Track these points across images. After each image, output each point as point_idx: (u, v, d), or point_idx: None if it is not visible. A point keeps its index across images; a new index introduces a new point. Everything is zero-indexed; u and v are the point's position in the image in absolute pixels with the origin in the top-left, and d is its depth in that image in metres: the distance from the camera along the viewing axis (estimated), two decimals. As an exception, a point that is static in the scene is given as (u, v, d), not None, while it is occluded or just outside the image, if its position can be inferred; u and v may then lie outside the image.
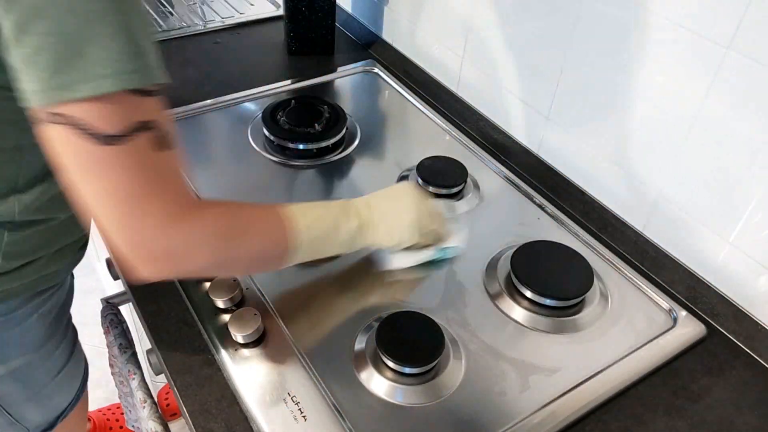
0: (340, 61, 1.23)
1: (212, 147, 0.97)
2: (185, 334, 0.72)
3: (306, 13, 1.19)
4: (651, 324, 0.76)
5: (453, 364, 0.69)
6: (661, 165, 0.79)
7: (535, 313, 0.75)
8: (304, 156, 0.97)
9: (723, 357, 0.74)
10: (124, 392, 0.93)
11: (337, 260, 0.80)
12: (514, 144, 1.00)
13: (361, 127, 1.05)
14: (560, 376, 0.69)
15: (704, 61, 0.69)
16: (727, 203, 0.72)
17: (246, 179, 0.94)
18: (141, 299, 0.75)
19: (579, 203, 0.91)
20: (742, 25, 0.64)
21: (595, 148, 0.87)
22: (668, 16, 0.71)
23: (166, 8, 1.39)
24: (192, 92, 1.11)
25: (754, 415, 0.68)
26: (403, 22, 1.18)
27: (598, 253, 0.84)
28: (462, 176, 0.92)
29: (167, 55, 1.21)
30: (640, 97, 0.78)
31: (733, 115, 0.68)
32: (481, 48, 1.01)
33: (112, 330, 0.87)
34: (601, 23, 0.79)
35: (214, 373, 0.68)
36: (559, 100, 0.90)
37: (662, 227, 0.82)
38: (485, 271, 0.80)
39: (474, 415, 0.65)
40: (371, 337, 0.70)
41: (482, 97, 1.05)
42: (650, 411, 0.68)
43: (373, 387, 0.66)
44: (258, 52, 1.25)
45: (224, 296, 0.71)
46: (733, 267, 0.74)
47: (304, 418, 0.63)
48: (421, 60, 1.17)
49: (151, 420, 0.75)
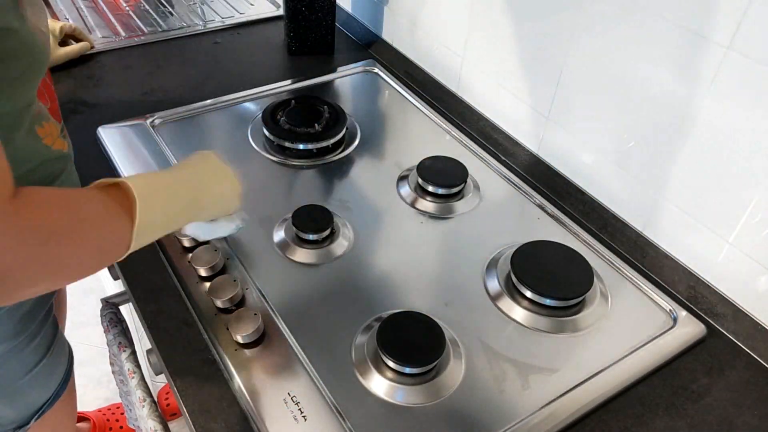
0: (340, 61, 1.23)
1: (212, 147, 0.97)
2: (185, 334, 0.72)
3: (306, 13, 1.19)
4: (651, 324, 0.76)
5: (453, 364, 0.69)
6: (661, 165, 0.79)
7: (535, 313, 0.75)
8: (304, 156, 0.97)
9: (723, 357, 0.74)
10: (125, 391, 0.94)
11: (336, 260, 0.80)
12: (514, 144, 1.00)
13: (361, 127, 1.05)
14: (560, 376, 0.69)
15: (704, 61, 0.69)
16: (727, 203, 0.72)
17: (246, 179, 0.93)
18: (141, 299, 0.75)
19: (579, 203, 0.91)
20: (742, 25, 0.64)
21: (595, 148, 0.87)
22: (668, 16, 0.71)
23: (166, 8, 1.39)
24: (192, 92, 1.11)
25: (754, 415, 0.68)
26: (403, 22, 1.18)
27: (598, 253, 0.84)
28: (462, 176, 0.92)
29: (167, 55, 1.22)
30: (640, 98, 0.78)
31: (733, 115, 0.68)
32: (481, 48, 1.01)
33: (111, 329, 0.87)
34: (601, 23, 0.79)
35: (214, 373, 0.68)
36: (559, 100, 0.90)
37: (662, 227, 0.82)
38: (485, 271, 0.80)
39: (474, 415, 0.65)
40: (371, 337, 0.70)
41: (482, 97, 1.05)
42: (650, 411, 0.68)
43: (373, 387, 0.66)
44: (258, 52, 1.25)
45: (224, 296, 0.71)
46: (733, 267, 0.74)
47: (304, 418, 0.63)
48: (421, 60, 1.17)
49: (151, 419, 0.76)
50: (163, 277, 0.78)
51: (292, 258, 0.80)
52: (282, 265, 0.79)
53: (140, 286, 0.76)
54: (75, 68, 1.15)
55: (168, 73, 1.16)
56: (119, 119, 1.01)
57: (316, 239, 0.81)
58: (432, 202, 0.90)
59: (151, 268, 0.79)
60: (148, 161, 0.93)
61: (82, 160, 0.94)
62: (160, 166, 0.92)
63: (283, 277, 0.77)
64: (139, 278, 0.77)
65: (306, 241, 0.81)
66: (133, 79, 1.13)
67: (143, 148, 0.95)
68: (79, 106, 1.05)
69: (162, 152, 0.94)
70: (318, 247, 0.81)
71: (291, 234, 0.82)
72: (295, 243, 0.81)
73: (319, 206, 0.83)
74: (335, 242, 0.82)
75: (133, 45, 1.24)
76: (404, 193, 0.92)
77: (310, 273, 0.78)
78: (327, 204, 0.87)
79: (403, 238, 0.84)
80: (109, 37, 1.26)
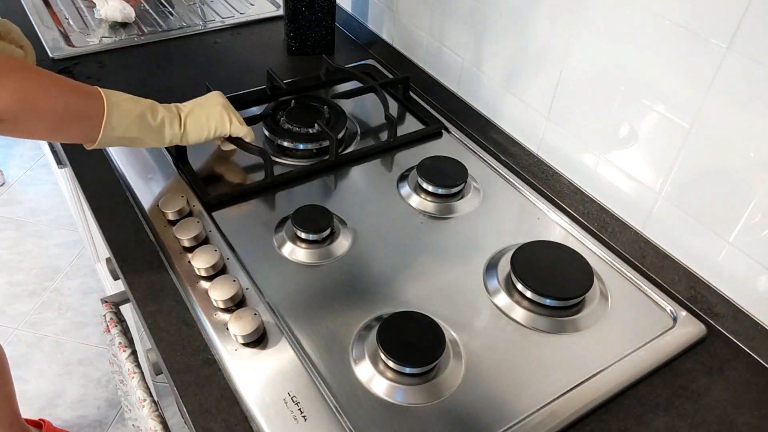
0: (340, 60, 1.23)
1: (212, 147, 0.97)
2: (185, 334, 0.72)
3: (306, 13, 1.19)
4: (651, 324, 0.76)
5: (453, 364, 0.69)
6: (661, 165, 0.79)
7: (535, 312, 0.75)
8: (304, 156, 0.97)
9: (723, 357, 0.74)
10: (124, 391, 0.94)
11: (336, 260, 0.80)
12: (513, 144, 1.00)
13: (361, 127, 1.05)
14: (560, 376, 0.69)
15: (704, 61, 0.69)
16: (727, 203, 0.72)
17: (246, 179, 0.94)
18: (141, 299, 0.75)
19: (579, 203, 0.91)
20: (742, 25, 0.64)
21: (595, 147, 0.87)
22: (668, 16, 0.71)
23: (166, 8, 1.39)
24: (192, 92, 1.11)
25: (754, 415, 0.68)
26: (403, 22, 1.18)
27: (598, 253, 0.84)
28: (462, 176, 0.92)
29: (167, 55, 1.22)
30: (640, 98, 0.78)
31: (733, 115, 0.69)
32: (482, 48, 1.01)
33: (111, 329, 0.87)
34: (601, 23, 0.79)
35: (214, 373, 0.68)
36: (559, 100, 0.90)
37: (662, 227, 0.82)
38: (485, 271, 0.80)
39: (474, 415, 0.65)
40: (371, 337, 0.70)
41: (482, 96, 1.05)
42: (650, 411, 0.68)
43: (373, 387, 0.66)
44: (258, 52, 1.25)
45: (224, 296, 0.71)
46: (733, 267, 0.74)
47: (304, 418, 0.63)
48: (420, 60, 1.17)
49: (151, 419, 0.76)
50: (163, 277, 0.78)
51: (292, 258, 0.80)
52: (282, 264, 0.79)
53: (140, 286, 0.76)
54: (75, 68, 1.15)
55: (168, 73, 1.16)
56: (119, 119, 1.01)
57: (316, 239, 0.81)
58: (432, 202, 0.90)
59: (151, 268, 0.79)
60: (147, 161, 0.93)
61: (81, 161, 0.95)
62: (159, 166, 0.92)
63: (283, 277, 0.77)
64: (139, 278, 0.77)
65: (306, 241, 0.81)
66: (133, 79, 1.13)
67: (143, 148, 0.95)
68: (79, 106, 1.05)
69: (161, 152, 0.94)
70: (318, 247, 0.81)
71: (291, 234, 0.82)
72: (295, 243, 0.81)
73: (319, 206, 0.83)
74: (335, 242, 0.82)
75: (133, 45, 1.24)
76: (404, 193, 0.92)
77: (310, 273, 0.78)
78: (327, 204, 0.87)
79: (403, 238, 0.84)
80: (109, 37, 1.26)
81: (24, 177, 2.40)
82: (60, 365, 1.76)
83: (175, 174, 0.91)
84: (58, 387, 1.71)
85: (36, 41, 1.21)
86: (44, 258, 2.08)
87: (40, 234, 2.17)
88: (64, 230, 2.18)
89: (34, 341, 1.82)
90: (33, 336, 1.83)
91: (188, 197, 0.86)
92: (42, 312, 1.90)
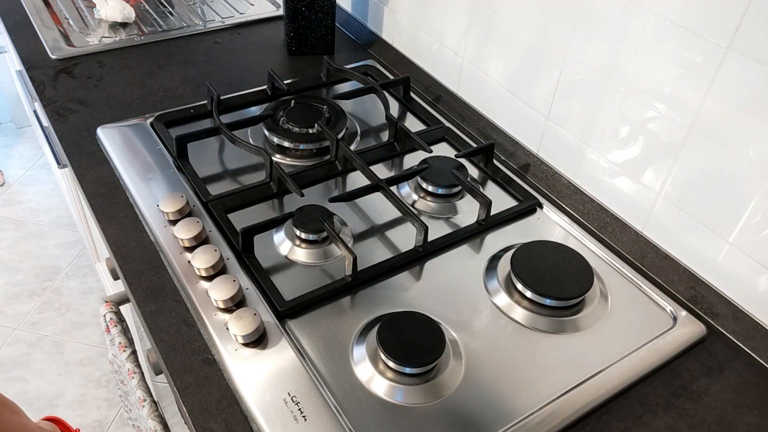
0: (340, 61, 1.23)
1: (212, 147, 0.97)
2: (185, 334, 0.72)
3: (306, 13, 1.19)
4: (651, 324, 0.76)
5: (453, 364, 0.69)
6: (661, 165, 0.79)
7: (535, 312, 0.75)
8: (305, 156, 0.97)
9: (723, 357, 0.74)
10: (124, 391, 0.94)
11: (336, 260, 0.80)
12: (513, 144, 1.00)
13: (361, 127, 1.05)
14: (560, 376, 0.69)
15: (704, 61, 0.69)
16: (727, 203, 0.72)
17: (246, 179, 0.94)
18: (141, 299, 0.75)
19: (579, 203, 0.91)
20: (742, 25, 0.64)
21: (595, 147, 0.87)
22: (668, 16, 0.71)
23: (166, 8, 1.39)
24: (192, 92, 1.11)
25: (754, 415, 0.68)
26: (403, 22, 1.18)
27: (598, 254, 0.84)
28: (463, 177, 0.92)
29: (167, 55, 1.22)
30: (640, 97, 0.78)
31: (733, 115, 0.69)
32: (481, 47, 1.01)
33: (111, 329, 0.87)
34: (601, 23, 0.79)
35: (214, 373, 0.68)
36: (559, 100, 0.90)
37: (662, 227, 0.82)
38: (485, 271, 0.80)
39: (474, 415, 0.65)
40: (371, 337, 0.70)
41: (482, 96, 1.05)
42: (650, 411, 0.68)
43: (373, 387, 0.66)
44: (258, 52, 1.25)
45: (224, 296, 0.71)
46: (733, 267, 0.74)
47: (304, 418, 0.63)
48: (420, 60, 1.17)
49: (151, 419, 0.76)
50: (163, 277, 0.78)
51: (292, 258, 0.80)
52: (282, 265, 0.79)
53: (140, 286, 0.76)
54: (75, 68, 1.15)
55: (168, 73, 1.16)
56: (119, 119, 1.01)
57: (316, 239, 0.81)
58: (432, 202, 0.90)
59: (151, 268, 0.79)
60: (147, 161, 0.93)
61: (81, 160, 0.95)
62: (159, 166, 0.92)
63: (283, 277, 0.77)
64: (139, 278, 0.77)
65: (306, 241, 0.81)
66: (133, 79, 1.13)
67: (143, 148, 0.95)
68: (78, 106, 1.05)
69: (161, 152, 0.94)
70: (318, 247, 0.81)
71: (291, 234, 0.82)
72: (295, 243, 0.81)
73: (319, 206, 0.83)
74: (335, 242, 0.82)
75: (133, 45, 1.24)
76: (404, 193, 0.92)
77: (310, 272, 0.78)
78: (327, 204, 0.87)
79: (402, 237, 0.84)
80: (109, 36, 1.26)
81: (24, 177, 2.41)
82: (60, 365, 1.76)
83: (175, 174, 0.91)
84: (58, 387, 1.71)
85: (36, 41, 1.22)
86: (44, 258, 2.08)
87: (40, 234, 2.17)
88: (64, 230, 2.18)
89: (34, 341, 1.82)
90: (33, 336, 1.83)
91: (188, 197, 0.86)
92: (42, 312, 1.90)
